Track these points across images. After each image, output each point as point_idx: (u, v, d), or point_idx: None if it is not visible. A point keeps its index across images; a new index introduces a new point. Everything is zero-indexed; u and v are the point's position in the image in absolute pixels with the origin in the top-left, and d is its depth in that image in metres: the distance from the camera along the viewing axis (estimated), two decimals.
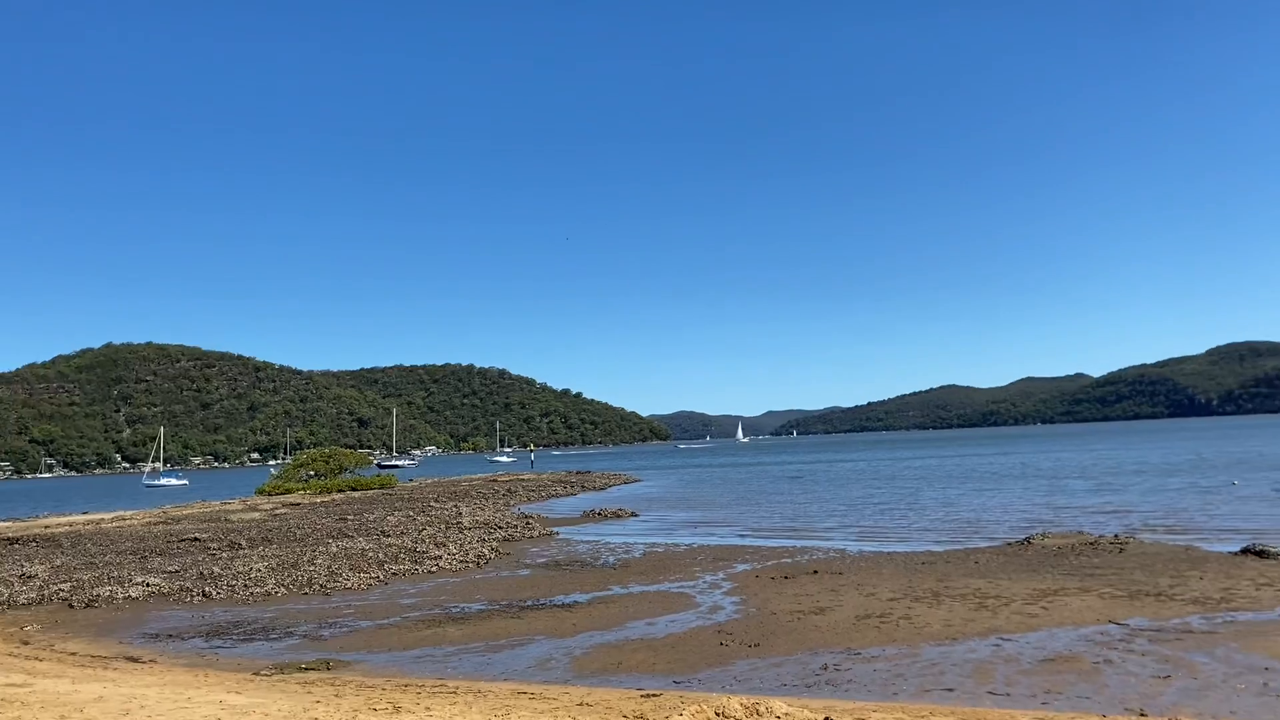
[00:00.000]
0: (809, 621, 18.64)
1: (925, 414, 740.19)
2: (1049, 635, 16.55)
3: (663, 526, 42.11)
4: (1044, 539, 29.28)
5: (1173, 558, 24.95)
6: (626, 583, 25.15)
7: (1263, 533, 29.83)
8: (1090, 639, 16.12)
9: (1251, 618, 17.24)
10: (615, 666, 15.77)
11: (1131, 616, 17.77)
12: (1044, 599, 19.88)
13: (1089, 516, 37.88)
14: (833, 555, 29.05)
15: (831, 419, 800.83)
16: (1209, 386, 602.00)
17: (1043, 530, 32.01)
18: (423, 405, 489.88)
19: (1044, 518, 38.17)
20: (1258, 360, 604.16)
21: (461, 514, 49.12)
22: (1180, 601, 18.99)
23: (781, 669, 15.05)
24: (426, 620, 20.76)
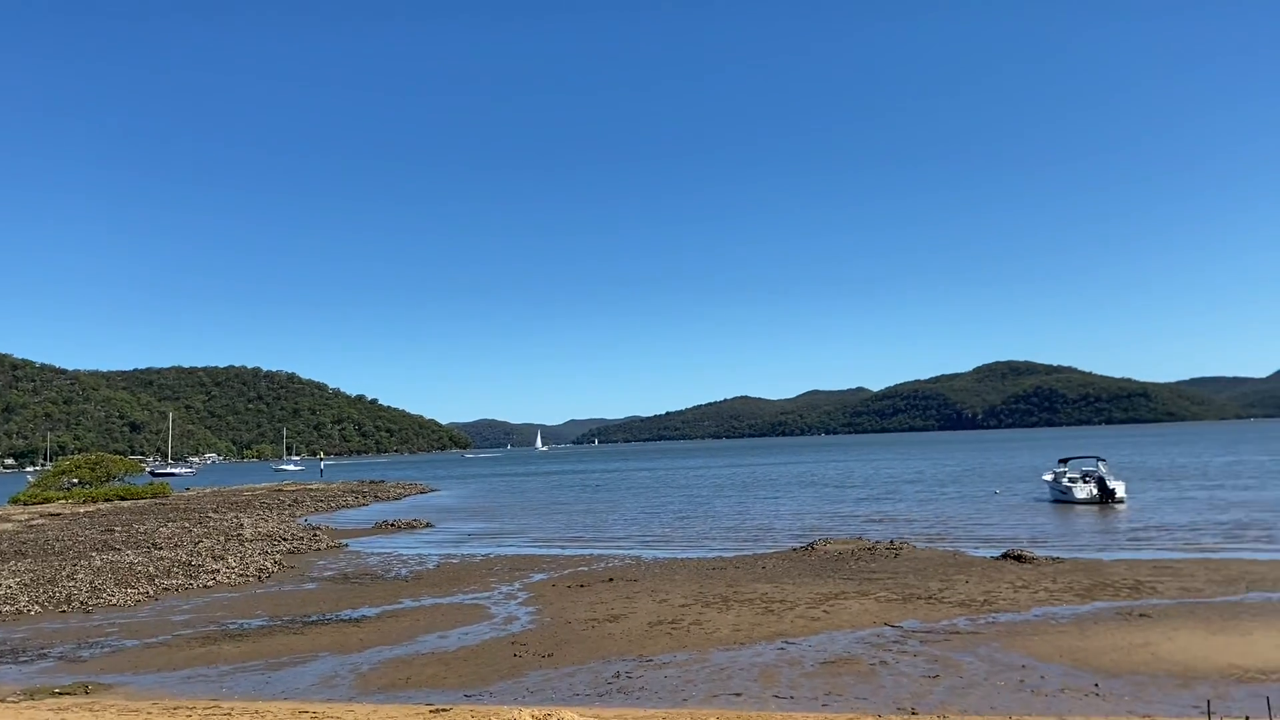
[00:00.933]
0: (603, 630, 18.71)
1: (719, 424, 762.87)
2: (830, 638, 17.25)
3: (459, 537, 41.39)
4: (827, 544, 30.61)
5: (942, 562, 26.60)
6: (419, 595, 24.52)
7: (1021, 540, 32.31)
8: (868, 641, 16.91)
9: (1011, 618, 18.56)
10: (404, 682, 15.29)
11: (905, 619, 18.78)
12: (826, 603, 20.74)
13: (869, 523, 39.95)
14: (628, 563, 29.34)
15: (632, 428, 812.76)
16: (975, 402, 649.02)
17: (826, 536, 33.47)
18: (203, 409, 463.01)
19: (827, 524, 39.97)
20: (1018, 378, 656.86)
21: (243, 525, 46.65)
22: (948, 604, 20.23)
23: (574, 678, 15.01)
24: (200, 638, 19.52)
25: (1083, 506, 43.62)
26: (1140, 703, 12.61)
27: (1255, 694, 12.49)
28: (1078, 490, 45.13)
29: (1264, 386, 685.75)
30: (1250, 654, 14.94)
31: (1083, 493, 44.89)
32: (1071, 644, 16.11)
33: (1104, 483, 44.92)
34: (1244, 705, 11.83)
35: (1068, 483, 46.43)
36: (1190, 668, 14.28)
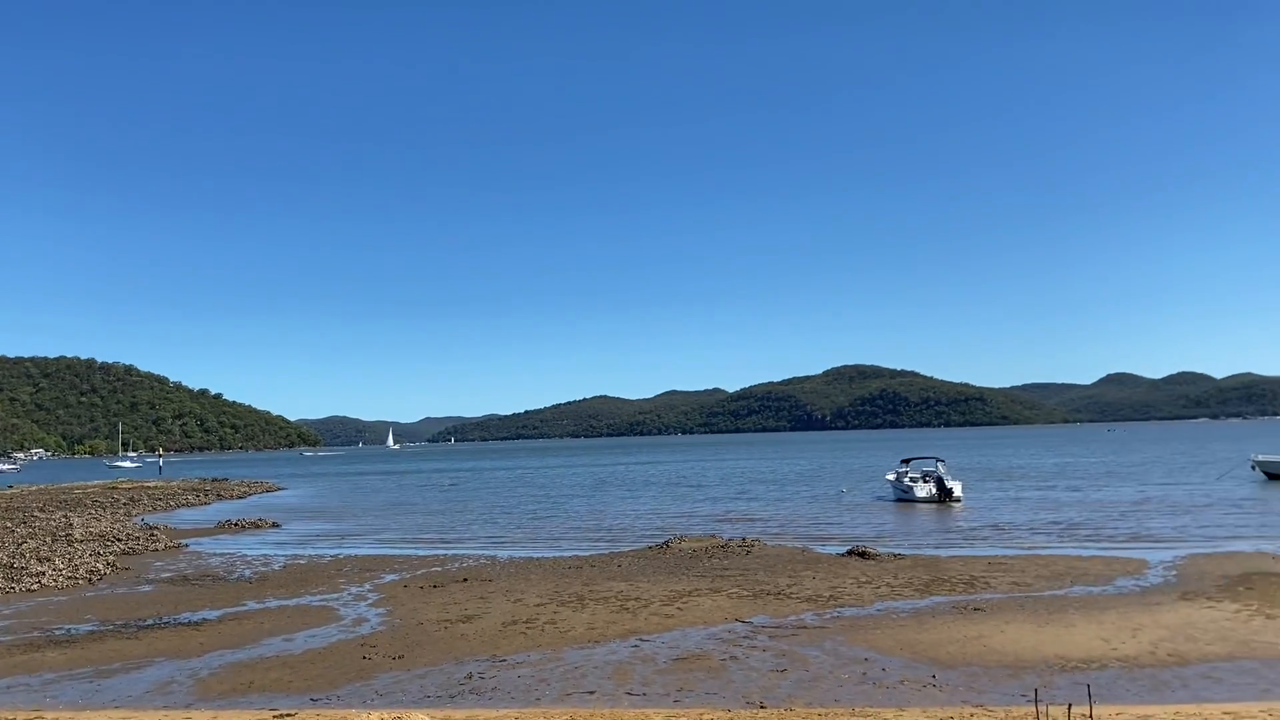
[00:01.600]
0: (456, 630, 18.46)
1: (578, 423, 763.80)
2: (683, 635, 17.49)
3: (306, 537, 40.15)
4: (681, 542, 31.03)
5: (791, 559, 27.33)
6: (264, 597, 23.66)
7: (866, 537, 33.48)
8: (719, 637, 17.22)
9: (855, 613, 19.22)
10: (247, 687, 14.72)
11: (755, 615, 19.21)
12: (680, 600, 21.02)
13: (723, 521, 40.71)
14: (483, 562, 29.05)
15: (489, 426, 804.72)
16: (824, 404, 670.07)
17: (681, 535, 33.92)
18: (29, 402, 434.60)
19: (683, 523, 40.53)
20: (864, 381, 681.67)
21: (72, 525, 44.04)
22: (796, 600, 20.79)
23: (426, 680, 14.75)
24: (22, 645, 18.31)
25: (923, 505, 45.53)
26: (974, 692, 13.24)
27: (1078, 682, 13.28)
28: (918, 489, 47.08)
29: (1090, 392, 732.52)
30: (1074, 645, 15.88)
31: (923, 492, 46.86)
32: (911, 637, 16.79)
33: (943, 482, 47.00)
34: (1068, 693, 12.55)
35: (909, 482, 48.39)
36: (1020, 658, 15.08)
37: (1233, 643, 15.77)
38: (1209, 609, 18.55)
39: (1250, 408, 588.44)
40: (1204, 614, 18.09)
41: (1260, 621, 17.28)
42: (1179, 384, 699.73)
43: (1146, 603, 19.40)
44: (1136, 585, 21.69)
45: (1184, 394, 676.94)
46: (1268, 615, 17.77)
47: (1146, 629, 16.90)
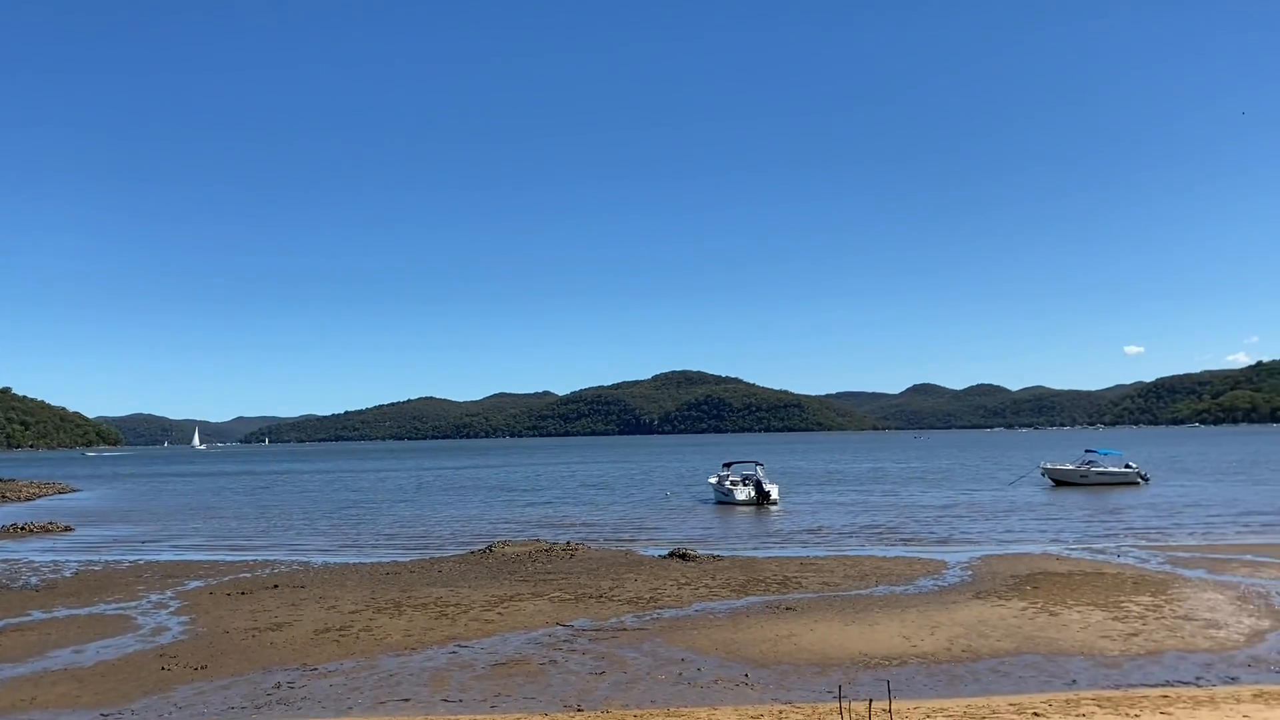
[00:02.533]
0: (265, 639, 17.72)
1: (402, 425, 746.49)
2: (503, 640, 17.36)
3: (102, 542, 37.68)
4: (505, 547, 30.80)
5: (615, 562, 27.56)
6: (52, 606, 22.06)
7: (687, 539, 34.13)
8: (539, 641, 17.19)
9: (674, 614, 19.55)
10: (29, 703, 13.68)
11: (576, 618, 19.27)
12: (501, 605, 20.85)
13: (549, 525, 40.67)
14: (296, 568, 28.03)
15: (307, 427, 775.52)
16: (652, 408, 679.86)
17: (505, 539, 33.67)
18: None
19: (508, 527, 40.25)
20: (691, 387, 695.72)
21: None
22: (618, 602, 20.99)
23: (230, 691, 14.09)
24: None
25: (742, 508, 46.83)
26: (783, 690, 13.70)
27: (880, 679, 13.93)
28: (738, 493, 48.40)
29: (898, 401, 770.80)
30: (877, 642, 16.66)
31: (743, 495, 48.20)
32: (727, 637, 17.23)
33: (761, 486, 48.47)
34: (870, 689, 13.14)
35: (730, 485, 49.70)
36: (827, 656, 15.70)
37: (1019, 638, 16.90)
38: (1000, 607, 19.81)
39: (1041, 419, 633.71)
40: (995, 611, 19.31)
41: (1044, 618, 18.58)
42: (978, 395, 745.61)
43: (944, 601, 20.56)
44: (936, 585, 22.95)
45: (982, 404, 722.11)
46: (1051, 612, 19.13)
47: (944, 626, 17.90)
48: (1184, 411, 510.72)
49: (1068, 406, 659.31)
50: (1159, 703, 12.43)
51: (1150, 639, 16.66)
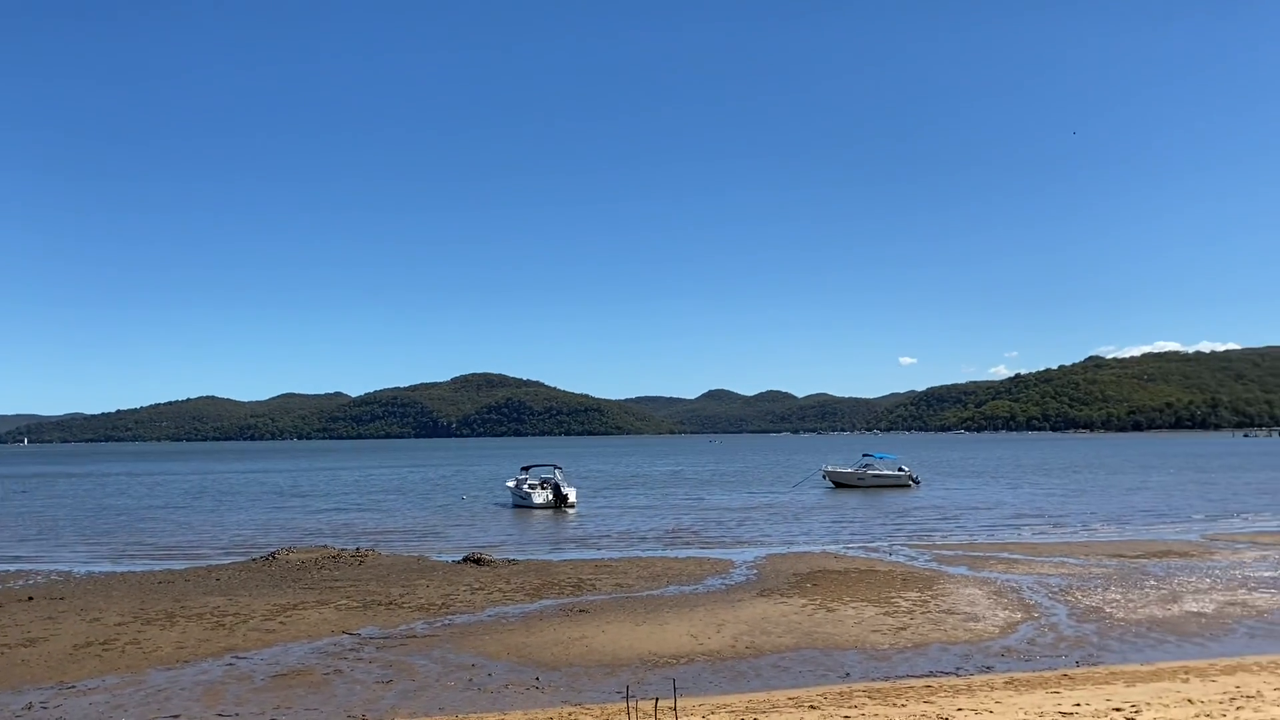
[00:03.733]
0: (16, 655, 16.29)
1: (180, 425, 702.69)
2: (284, 650, 16.66)
3: None
4: (290, 554, 29.58)
5: (406, 568, 26.96)
6: None
7: (483, 544, 33.80)
8: (324, 651, 16.60)
9: (466, 620, 19.32)
10: None
11: (364, 626, 18.73)
12: (284, 614, 20.00)
13: (338, 530, 39.34)
14: (55, 579, 25.93)
15: (72, 426, 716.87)
16: (451, 411, 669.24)
17: (290, 545, 32.33)
18: None
19: (294, 533, 38.64)
20: (491, 390, 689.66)
21: None
22: (408, 609, 20.54)
23: None
24: None
25: (540, 511, 46.84)
26: (574, 692, 13.80)
27: (668, 677, 14.24)
28: (536, 496, 48.37)
29: (693, 406, 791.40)
30: (666, 641, 17.04)
31: (540, 498, 48.21)
32: (519, 641, 17.18)
33: (559, 489, 48.64)
34: (657, 688, 13.41)
35: (528, 489, 49.59)
36: (617, 657, 15.93)
37: (799, 634, 17.69)
38: (782, 604, 20.67)
39: (824, 424, 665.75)
40: (778, 609, 20.12)
41: (822, 614, 19.53)
42: (768, 401, 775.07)
43: (731, 600, 21.26)
44: (723, 584, 23.70)
45: (771, 410, 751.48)
46: (829, 608, 20.12)
47: (729, 624, 18.50)
48: (950, 419, 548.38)
49: (848, 413, 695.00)
50: (923, 692, 13.29)
51: (917, 632, 17.80)
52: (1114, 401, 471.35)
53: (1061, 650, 16.48)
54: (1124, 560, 27.27)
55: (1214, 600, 20.92)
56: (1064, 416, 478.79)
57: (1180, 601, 20.80)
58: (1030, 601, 20.91)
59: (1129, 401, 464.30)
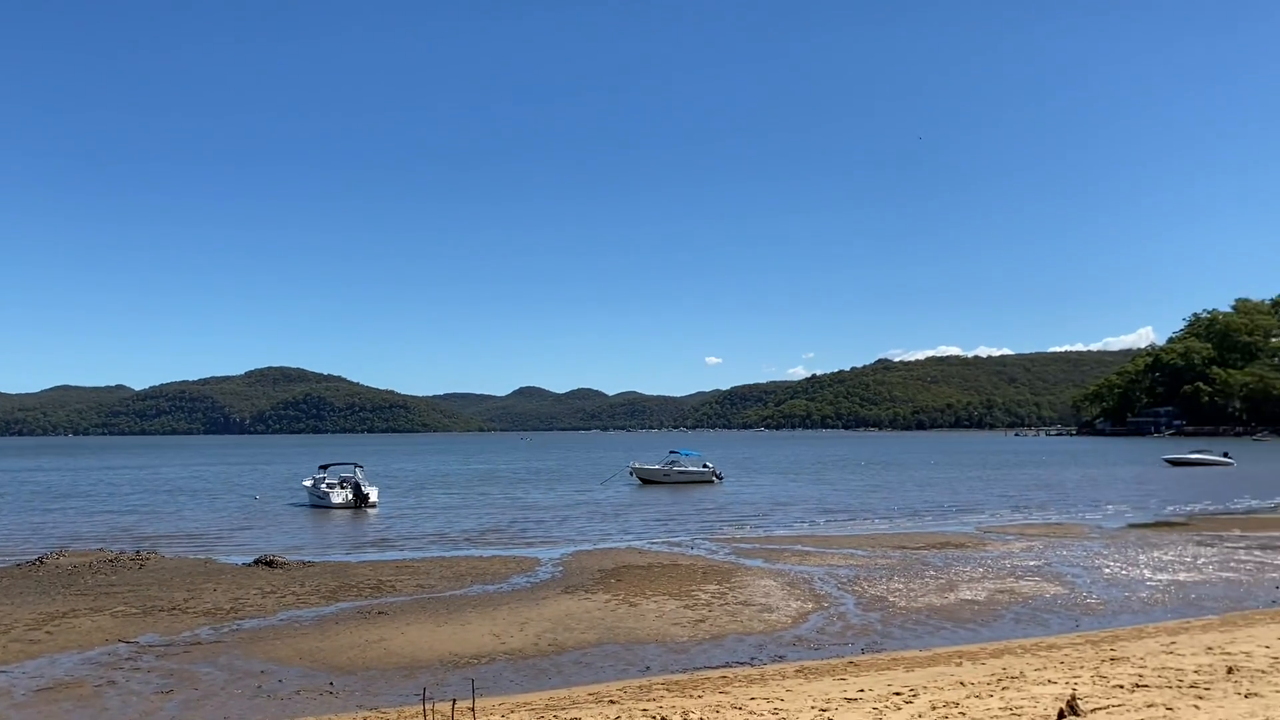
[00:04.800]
0: None
1: None
2: (51, 662, 15.44)
3: None
4: (60, 558, 27.42)
5: (192, 572, 25.49)
6: None
7: (276, 546, 32.37)
8: (97, 661, 15.48)
9: (257, 624, 18.45)
10: None
11: (143, 633, 17.58)
12: (51, 622, 18.52)
13: (118, 532, 36.78)
14: None
15: None
16: (245, 406, 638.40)
17: (61, 548, 29.98)
18: None
19: (65, 537, 35.84)
20: (289, 385, 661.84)
21: None
22: (193, 614, 19.43)
23: None
24: None
25: (339, 511, 45.32)
26: (369, 696, 13.42)
27: (468, 678, 14.03)
28: (335, 496, 46.77)
29: (503, 403, 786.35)
30: (468, 641, 16.82)
31: (339, 498, 46.65)
32: (313, 645, 16.56)
33: (359, 488, 47.22)
34: (457, 689, 13.21)
35: (325, 488, 47.87)
36: (416, 659, 15.60)
37: (601, 629, 17.85)
38: (586, 600, 20.79)
39: (633, 421, 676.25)
40: (581, 605, 20.23)
41: (625, 609, 19.77)
42: (579, 399, 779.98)
43: (535, 598, 21.21)
44: (528, 582, 23.63)
45: (582, 408, 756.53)
46: (631, 603, 20.39)
47: (533, 622, 18.46)
48: (752, 417, 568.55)
49: (657, 411, 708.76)
50: (719, 683, 13.67)
51: (715, 624, 18.29)
52: (900, 402, 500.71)
53: (849, 638, 17.32)
54: (907, 552, 28.91)
55: (986, 588, 22.48)
56: (855, 415, 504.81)
57: (956, 590, 22.25)
58: (821, 592, 21.87)
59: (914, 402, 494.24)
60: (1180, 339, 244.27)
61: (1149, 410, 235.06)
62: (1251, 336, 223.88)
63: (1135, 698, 11.09)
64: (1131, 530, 35.43)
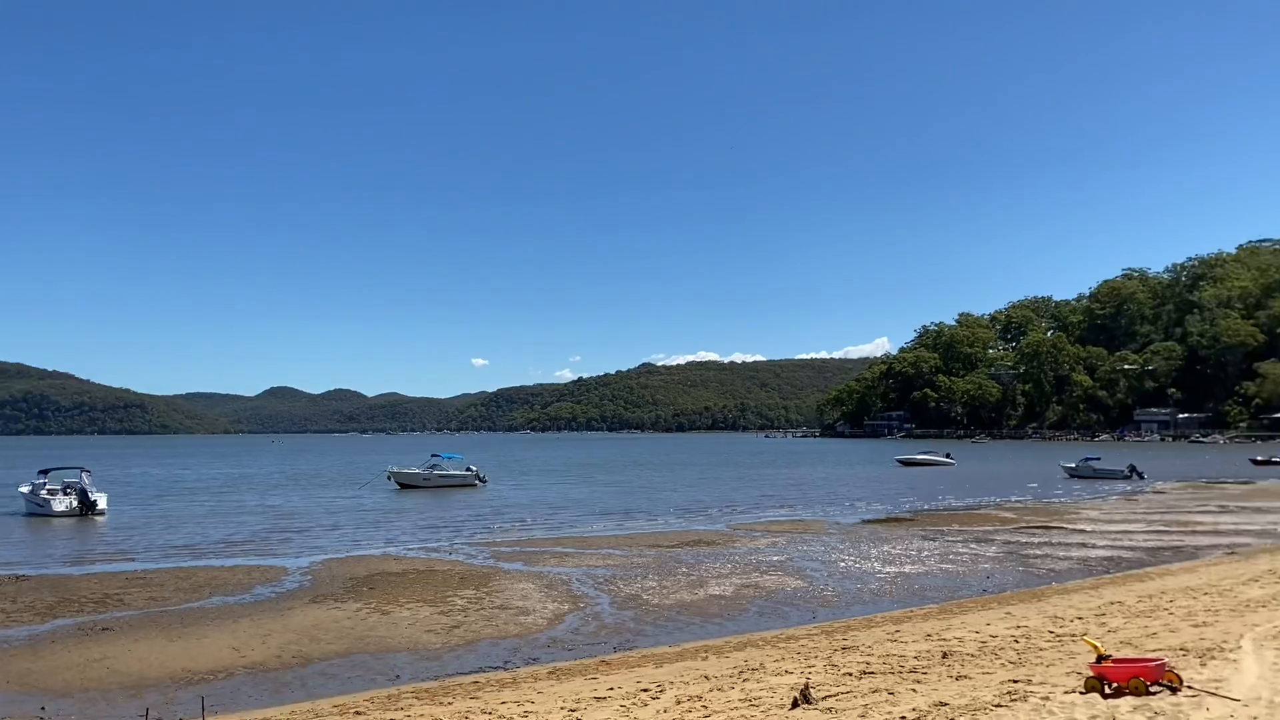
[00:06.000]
0: None
1: None
2: None
3: None
4: None
5: None
6: None
7: None
8: None
9: None
10: None
11: None
12: None
13: None
14: None
15: None
16: None
17: None
18: None
19: None
20: (7, 381, 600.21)
21: None
22: None
23: None
24: None
25: (61, 520, 41.55)
26: (87, 719, 12.35)
27: (201, 694, 13.22)
28: (56, 503, 42.83)
29: (253, 404, 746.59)
30: (204, 656, 15.83)
31: (62, 505, 42.76)
32: (24, 667, 15.11)
33: (86, 494, 43.48)
34: (188, 707, 12.43)
35: (46, 495, 43.74)
36: (144, 677, 14.51)
37: (351, 639, 17.27)
38: (335, 609, 20.05)
39: (395, 424, 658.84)
40: (330, 615, 19.50)
41: (376, 618, 19.22)
42: (336, 400, 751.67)
43: (280, 608, 20.25)
44: (273, 592, 22.52)
45: (340, 409, 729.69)
46: (383, 611, 19.85)
47: (276, 634, 17.61)
48: (518, 419, 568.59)
49: (420, 413, 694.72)
50: (470, 689, 13.52)
51: (470, 630, 18.10)
52: (663, 405, 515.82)
53: (602, 638, 17.59)
54: (662, 550, 29.72)
55: (733, 584, 23.45)
56: (620, 418, 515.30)
57: (706, 586, 23.07)
58: (578, 593, 22.10)
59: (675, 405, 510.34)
60: (911, 349, 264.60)
61: (883, 414, 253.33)
62: (972, 348, 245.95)
63: (862, 684, 11.87)
64: (865, 526, 37.95)
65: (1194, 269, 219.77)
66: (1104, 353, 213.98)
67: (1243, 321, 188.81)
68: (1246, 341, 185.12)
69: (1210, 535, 32.50)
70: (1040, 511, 42.88)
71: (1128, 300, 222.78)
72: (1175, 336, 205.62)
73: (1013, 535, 33.61)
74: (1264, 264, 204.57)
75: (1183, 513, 41.14)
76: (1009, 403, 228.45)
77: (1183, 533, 33.51)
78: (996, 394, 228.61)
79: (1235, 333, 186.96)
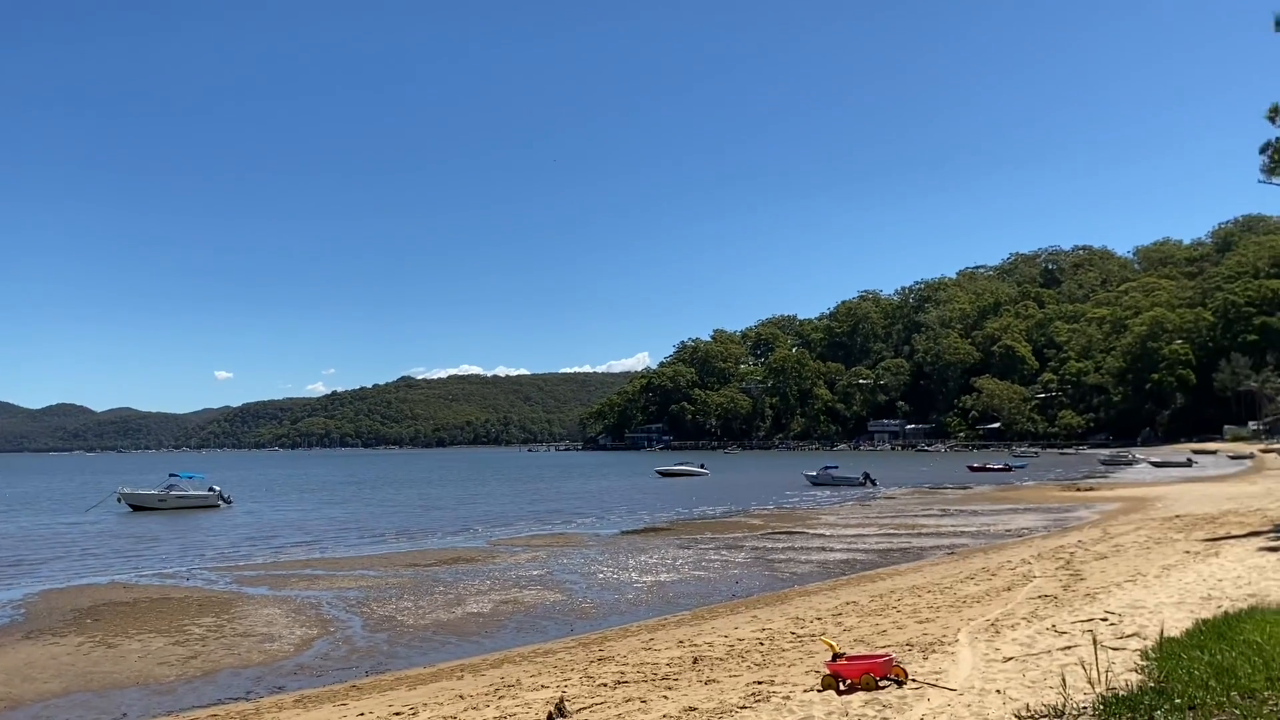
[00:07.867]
0: None
1: None
2: None
3: None
4: None
5: None
6: None
7: None
8: None
9: None
10: None
11: None
12: None
13: None
14: None
15: None
16: None
17: None
18: None
19: None
20: None
21: None
22: None
23: None
24: None
25: None
26: None
27: None
28: None
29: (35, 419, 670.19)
30: None
31: None
32: None
33: None
34: None
35: None
36: None
37: (71, 676, 15.86)
38: (53, 645, 18.35)
39: (127, 441, 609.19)
40: (47, 651, 17.81)
41: (102, 651, 17.73)
42: (58, 415, 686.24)
43: None
44: None
45: (63, 426, 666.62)
46: (110, 644, 18.33)
47: None
48: (266, 436, 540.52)
49: (155, 429, 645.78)
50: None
51: (209, 660, 17.03)
52: (423, 419, 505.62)
53: (354, 661, 17.02)
54: (419, 569, 29.09)
55: (491, 600, 23.28)
56: (376, 433, 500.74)
57: (464, 604, 22.78)
58: (328, 616, 21.27)
59: (435, 419, 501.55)
60: (670, 364, 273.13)
61: (644, 427, 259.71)
62: (725, 363, 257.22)
63: (616, 694, 12.09)
64: (624, 537, 38.70)
65: (920, 291, 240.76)
66: (842, 368, 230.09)
67: (961, 340, 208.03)
68: (964, 359, 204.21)
69: (933, 537, 35.38)
70: (785, 518, 45.28)
71: (863, 320, 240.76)
72: (904, 354, 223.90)
73: (760, 541, 35.28)
74: (980, 288, 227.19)
75: (910, 516, 44.61)
76: (759, 415, 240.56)
77: (910, 535, 36.31)
78: (747, 407, 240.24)
79: (955, 350, 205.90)
